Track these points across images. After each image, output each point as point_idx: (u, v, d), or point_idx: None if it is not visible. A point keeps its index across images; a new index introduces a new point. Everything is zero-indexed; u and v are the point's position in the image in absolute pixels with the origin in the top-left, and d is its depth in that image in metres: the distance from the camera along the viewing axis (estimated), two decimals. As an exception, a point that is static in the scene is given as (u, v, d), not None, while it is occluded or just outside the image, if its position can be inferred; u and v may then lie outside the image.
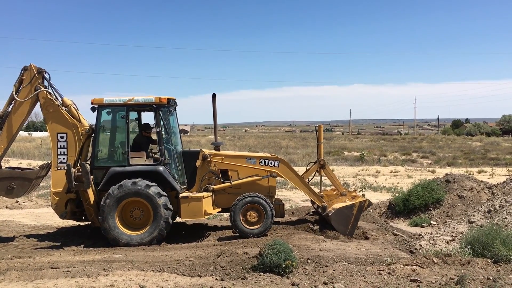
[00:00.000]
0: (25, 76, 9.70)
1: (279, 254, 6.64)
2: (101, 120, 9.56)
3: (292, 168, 10.05)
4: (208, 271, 6.85)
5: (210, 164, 9.90)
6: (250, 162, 9.97)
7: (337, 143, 58.08)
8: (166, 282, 6.43)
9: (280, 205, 10.06)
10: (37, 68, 9.69)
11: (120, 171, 9.25)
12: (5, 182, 9.55)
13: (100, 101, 9.47)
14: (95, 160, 9.50)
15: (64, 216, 9.55)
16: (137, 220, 9.24)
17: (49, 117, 9.63)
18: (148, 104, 9.51)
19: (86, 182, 9.01)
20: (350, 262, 7.15)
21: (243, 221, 9.28)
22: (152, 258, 7.80)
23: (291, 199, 15.52)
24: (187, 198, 9.26)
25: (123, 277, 6.62)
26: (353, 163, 31.72)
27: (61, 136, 9.56)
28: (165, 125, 9.62)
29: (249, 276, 6.57)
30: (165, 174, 9.29)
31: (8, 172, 9.74)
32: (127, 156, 9.38)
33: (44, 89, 9.65)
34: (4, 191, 9.62)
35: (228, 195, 9.82)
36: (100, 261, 7.60)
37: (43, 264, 7.37)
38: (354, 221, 9.27)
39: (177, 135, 10.55)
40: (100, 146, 9.65)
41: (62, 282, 6.43)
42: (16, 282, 6.54)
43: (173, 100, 10.16)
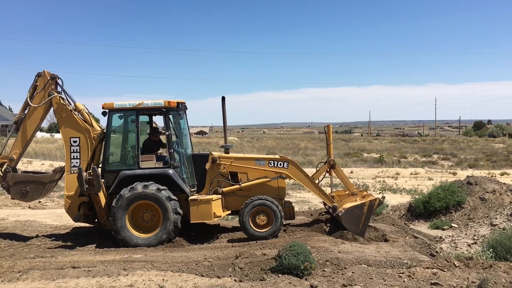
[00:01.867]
0: (38, 82, 9.94)
1: (298, 256, 6.63)
2: (112, 124, 9.69)
3: (301, 169, 10.00)
4: (226, 272, 6.87)
5: (219, 167, 9.90)
6: (259, 164, 9.95)
7: (356, 144, 57.68)
8: (185, 282, 6.48)
9: (290, 207, 10.01)
10: (50, 74, 9.91)
11: (130, 174, 9.36)
12: (20, 186, 9.82)
13: (111, 106, 9.60)
14: (106, 164, 9.65)
15: (78, 219, 9.70)
16: (147, 223, 9.33)
17: (62, 122, 9.83)
18: (157, 108, 9.59)
19: (97, 185, 9.10)
20: (370, 264, 7.09)
21: (252, 224, 9.27)
22: (171, 259, 7.86)
23: (310, 201, 15.47)
24: (196, 201, 9.30)
25: (143, 277, 6.69)
26: (373, 164, 31.46)
27: (74, 141, 9.74)
28: (174, 128, 9.73)
29: (267, 277, 6.58)
30: (174, 177, 9.36)
31: (23, 176, 10.01)
32: (137, 159, 9.48)
33: (57, 94, 9.86)
34: (19, 195, 9.88)
35: (237, 197, 9.81)
36: (121, 261, 7.68)
37: (65, 263, 7.48)
38: (365, 220, 9.17)
39: (187, 138, 10.64)
40: (111, 150, 9.75)
41: (83, 282, 6.52)
42: (38, 281, 6.65)
43: (183, 103, 10.22)
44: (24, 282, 6.64)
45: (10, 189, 9.92)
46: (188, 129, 10.80)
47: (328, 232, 9.56)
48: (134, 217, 9.32)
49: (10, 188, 9.90)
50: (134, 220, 9.33)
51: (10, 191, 9.97)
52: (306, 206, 14.34)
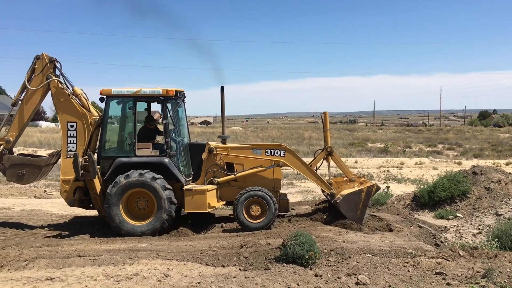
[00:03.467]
0: (37, 65, 9.86)
1: (302, 245, 6.64)
2: (109, 110, 9.68)
3: (298, 156, 9.97)
4: (231, 261, 6.89)
5: (216, 157, 9.90)
6: (256, 153, 9.92)
7: (360, 134, 57.56)
8: (190, 271, 6.51)
9: (285, 200, 10.02)
10: (49, 57, 9.84)
11: (126, 161, 9.38)
12: (16, 169, 9.79)
13: (109, 92, 9.56)
14: (102, 150, 9.65)
15: (72, 203, 9.71)
16: (142, 210, 9.38)
17: (60, 106, 9.79)
18: (155, 96, 9.59)
19: (92, 171, 9.18)
20: (374, 254, 7.10)
21: (246, 215, 9.29)
22: (176, 248, 7.89)
23: (314, 190, 15.47)
24: (191, 191, 9.28)
25: (148, 266, 6.72)
26: (377, 154, 31.40)
27: (71, 125, 9.71)
28: (171, 117, 9.69)
29: (272, 266, 6.60)
30: (170, 166, 9.37)
31: (19, 159, 9.99)
32: (134, 147, 9.50)
33: (56, 78, 9.79)
34: (15, 177, 9.89)
35: (233, 188, 9.81)
36: (126, 250, 7.72)
37: (71, 252, 7.53)
38: (362, 206, 9.14)
39: (185, 127, 10.62)
40: (108, 137, 9.77)
41: (89, 270, 6.56)
42: (44, 269, 6.70)
43: (182, 92, 10.20)
44: (30, 270, 6.69)
45: (6, 172, 9.91)
46: (186, 118, 10.78)
47: (328, 221, 9.59)
48: (128, 204, 9.36)
49: (6, 170, 9.89)
50: (129, 207, 9.37)
51: (5, 174, 9.98)
52: (311, 196, 14.36)
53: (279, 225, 9.68)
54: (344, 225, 9.22)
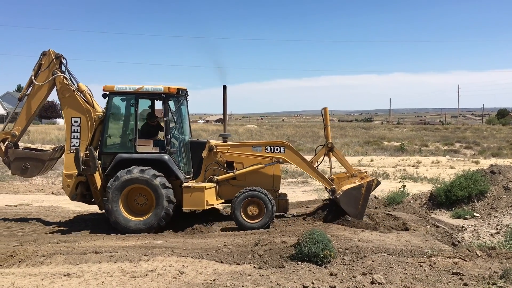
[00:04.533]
0: (43, 60, 10.02)
1: (317, 244, 6.62)
2: (111, 107, 9.77)
3: (298, 153, 9.99)
4: (246, 259, 6.90)
5: (216, 155, 9.94)
6: (256, 150, 9.97)
7: (376, 132, 57.18)
8: (205, 268, 6.53)
9: (284, 199, 10.00)
10: (55, 54, 9.98)
11: (127, 157, 9.45)
12: (20, 162, 10.01)
13: (111, 88, 9.64)
14: (103, 146, 9.75)
15: (74, 198, 9.83)
16: (141, 206, 9.45)
17: (65, 102, 9.93)
18: (157, 93, 9.65)
19: (93, 166, 9.31)
20: (390, 253, 7.04)
21: (243, 215, 9.33)
22: (191, 245, 7.93)
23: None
24: (189, 188, 9.35)
25: (163, 262, 6.76)
26: (393, 153, 31.13)
27: (75, 121, 9.84)
28: (173, 114, 9.73)
29: (287, 265, 6.59)
30: (169, 163, 9.44)
31: (24, 153, 10.19)
32: (135, 143, 9.56)
33: (61, 74, 9.94)
34: (19, 171, 10.11)
35: (232, 187, 9.85)
36: (141, 247, 7.78)
37: (87, 248, 7.61)
38: (363, 201, 9.16)
39: (187, 125, 10.67)
40: (109, 132, 9.86)
41: (106, 266, 6.63)
42: (62, 265, 6.78)
43: (184, 90, 10.28)
44: (48, 266, 6.78)
45: (10, 165, 10.14)
46: (188, 116, 10.84)
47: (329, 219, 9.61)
48: (128, 200, 9.44)
49: (10, 163, 10.11)
50: (128, 202, 9.44)
51: (10, 167, 10.21)
52: (326, 194, 14.26)
53: (294, 223, 9.68)
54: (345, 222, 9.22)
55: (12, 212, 11.66)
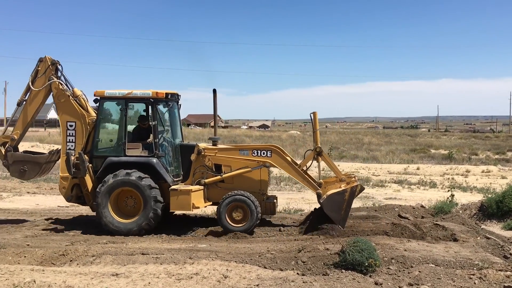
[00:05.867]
0: (40, 67, 10.39)
1: (362, 252, 6.54)
2: (102, 111, 10.08)
3: (285, 157, 9.98)
4: (289, 265, 6.89)
5: (204, 158, 10.05)
6: (243, 153, 10.08)
7: (422, 140, 55.70)
8: (249, 273, 6.57)
9: (271, 202, 10.01)
10: (51, 60, 10.34)
11: (116, 161, 9.71)
12: (18, 165, 10.39)
13: (102, 93, 9.93)
14: (94, 149, 10.02)
15: (70, 199, 10.19)
16: (130, 208, 9.71)
17: (60, 107, 10.27)
18: (145, 98, 9.87)
19: (82, 169, 9.64)
20: (438, 264, 6.85)
21: (228, 219, 9.41)
22: (234, 250, 8.00)
23: (374, 197, 15.15)
24: (176, 191, 9.48)
25: (207, 266, 6.85)
26: (441, 161, 30.22)
27: (70, 125, 10.16)
28: (161, 118, 9.94)
29: (330, 272, 6.54)
30: (157, 166, 9.63)
31: (22, 156, 10.56)
32: (124, 147, 9.79)
33: (57, 79, 10.27)
34: (18, 173, 10.50)
35: (220, 189, 9.94)
36: (186, 250, 7.92)
37: (134, 250, 7.81)
38: (346, 207, 9.10)
39: (177, 129, 10.89)
40: (100, 136, 10.11)
41: (152, 268, 6.78)
42: (110, 265, 7.00)
43: (175, 94, 10.54)
44: (97, 265, 7.01)
45: (9, 167, 10.53)
46: (179, 120, 11.06)
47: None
48: (118, 202, 9.72)
49: (9, 166, 10.50)
50: (119, 205, 9.73)
51: (9, 169, 10.60)
52: (370, 202, 14.05)
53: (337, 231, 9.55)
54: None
55: (64, 212, 12.15)
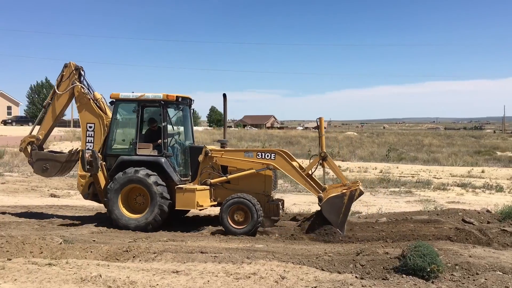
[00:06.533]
0: (65, 72, 11.10)
1: (424, 257, 6.33)
2: (117, 112, 10.62)
3: (289, 160, 10.10)
4: (347, 268, 6.80)
5: (212, 160, 10.38)
6: (248, 156, 10.35)
7: (488, 142, 53.16)
8: (306, 275, 6.53)
9: (275, 204, 10.18)
10: (75, 65, 11.02)
11: (127, 159, 10.23)
12: (41, 163, 11.12)
13: (117, 96, 10.50)
14: (108, 148, 10.57)
15: (86, 197, 10.84)
16: (139, 205, 10.20)
17: (81, 109, 10.94)
18: (156, 100, 10.35)
19: (95, 167, 10.18)
20: (505, 272, 6.51)
21: (230, 221, 9.63)
22: (292, 251, 7.99)
23: (436, 200, 14.62)
24: (182, 189, 9.89)
25: (265, 266, 6.88)
26: (508, 164, 28.72)
27: (89, 126, 10.81)
28: (170, 120, 10.40)
29: (390, 277, 6.38)
30: (165, 165, 10.07)
31: (44, 154, 11.29)
32: (135, 146, 10.28)
33: (79, 84, 10.95)
34: (40, 170, 11.20)
35: (226, 190, 10.24)
36: (244, 250, 8.00)
37: (194, 248, 7.99)
38: (345, 210, 9.21)
39: (188, 131, 11.46)
40: (114, 136, 10.67)
41: (210, 266, 6.90)
42: (171, 262, 7.18)
43: (187, 98, 11.05)
44: (158, 262, 7.21)
45: (33, 165, 11.27)
46: (191, 122, 11.57)
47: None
48: (129, 199, 10.25)
49: (33, 164, 11.24)
50: (129, 202, 10.26)
51: (33, 166, 11.33)
52: (432, 205, 13.55)
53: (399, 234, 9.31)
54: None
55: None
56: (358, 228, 9.77)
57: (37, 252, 7.65)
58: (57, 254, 7.59)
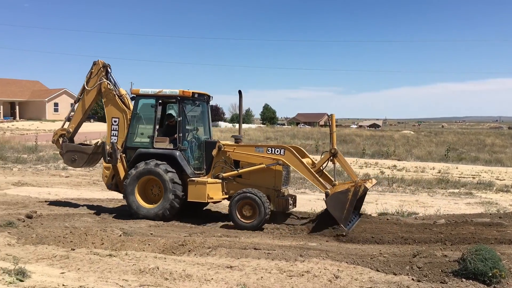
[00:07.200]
0: (94, 69, 11.77)
1: (485, 261, 6.09)
2: (137, 107, 11.07)
3: (297, 156, 10.17)
4: (403, 270, 6.63)
5: (224, 154, 10.68)
6: (259, 151, 10.53)
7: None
8: (360, 275, 6.44)
9: (284, 199, 10.35)
10: (102, 63, 11.69)
11: (145, 152, 10.71)
12: (70, 154, 11.85)
13: (137, 92, 11.05)
14: (128, 141, 11.08)
15: (110, 187, 11.45)
16: (154, 196, 10.74)
17: (107, 104, 11.58)
18: (173, 96, 10.80)
19: (114, 158, 10.88)
20: None
21: (239, 215, 9.91)
22: (345, 250, 7.90)
23: (498, 202, 13.97)
24: (194, 182, 10.35)
25: (318, 265, 6.85)
26: None
27: (114, 120, 11.39)
28: (186, 115, 10.76)
29: (449, 280, 6.18)
30: (179, 158, 10.48)
31: (72, 146, 11.96)
32: (152, 140, 10.76)
33: (106, 80, 11.58)
34: (70, 161, 11.96)
35: (237, 184, 10.53)
36: (297, 247, 7.99)
37: (247, 244, 8.05)
38: (349, 206, 9.20)
39: (205, 126, 11.89)
40: (134, 130, 11.15)
41: (264, 263, 6.94)
42: (225, 257, 7.30)
43: (205, 95, 11.43)
44: (213, 257, 7.35)
45: (63, 156, 12.03)
46: (208, 118, 11.93)
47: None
48: (145, 190, 10.77)
49: (63, 155, 11.99)
50: (146, 193, 10.78)
51: (63, 157, 12.09)
52: (494, 208, 12.96)
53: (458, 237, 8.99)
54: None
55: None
56: (415, 230, 9.53)
57: (98, 243, 8.01)
58: (117, 245, 7.90)
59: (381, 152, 33.44)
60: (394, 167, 24.56)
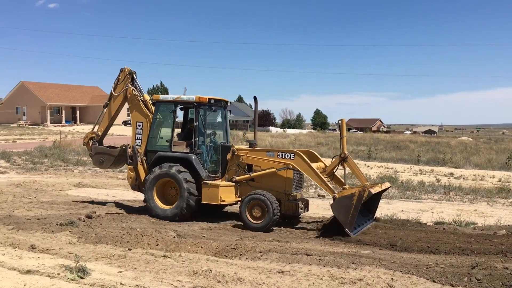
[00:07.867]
0: (120, 75, 12.29)
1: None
2: (157, 112, 11.61)
3: (307, 161, 10.28)
4: (461, 282, 6.40)
5: (238, 158, 10.95)
6: (270, 155, 10.78)
7: None
8: (416, 285, 6.27)
9: (294, 203, 10.51)
10: (129, 70, 12.20)
11: (163, 155, 11.19)
12: (98, 156, 12.40)
13: (157, 98, 11.67)
14: (148, 145, 11.59)
15: (134, 188, 11.99)
16: (172, 197, 11.15)
17: (132, 109, 12.07)
18: (190, 102, 11.27)
19: (134, 160, 11.54)
20: None
21: (249, 215, 10.19)
22: (399, 259, 7.71)
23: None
24: (207, 184, 10.73)
25: (371, 273, 6.72)
26: None
27: (138, 124, 11.90)
28: (203, 120, 11.06)
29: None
30: (194, 161, 10.89)
31: (101, 149, 12.51)
32: (171, 143, 11.25)
33: (131, 86, 12.08)
34: (98, 163, 12.49)
35: (250, 187, 10.79)
36: (349, 255, 7.88)
37: (298, 250, 8.04)
38: (354, 211, 9.23)
39: (224, 131, 12.28)
40: (154, 134, 11.63)
41: (315, 269, 6.90)
42: (276, 262, 7.31)
43: (222, 101, 11.74)
44: (264, 261, 7.38)
45: (93, 158, 12.60)
46: (226, 123, 12.32)
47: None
48: (164, 191, 11.23)
49: (93, 156, 12.55)
50: (164, 193, 11.23)
51: (92, 159, 12.67)
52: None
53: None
54: None
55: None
56: (474, 240, 9.17)
57: (153, 244, 8.25)
58: (171, 247, 8.11)
59: (437, 159, 32.40)
60: (451, 174, 23.75)
